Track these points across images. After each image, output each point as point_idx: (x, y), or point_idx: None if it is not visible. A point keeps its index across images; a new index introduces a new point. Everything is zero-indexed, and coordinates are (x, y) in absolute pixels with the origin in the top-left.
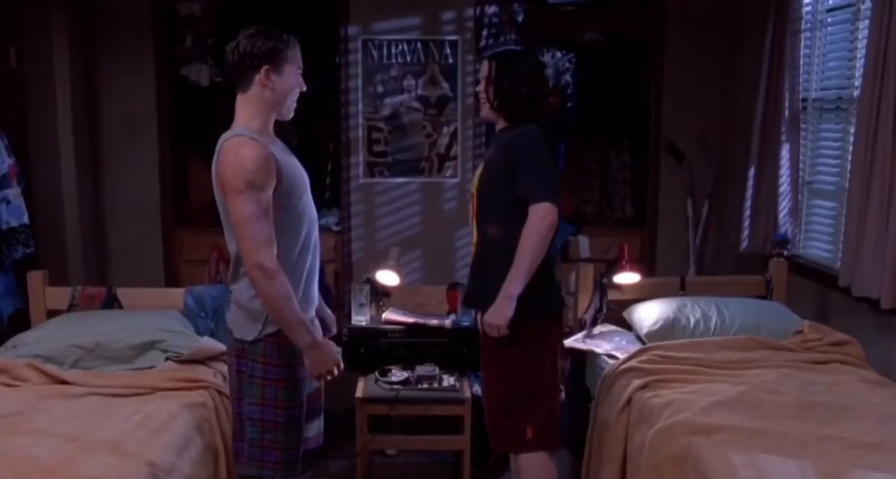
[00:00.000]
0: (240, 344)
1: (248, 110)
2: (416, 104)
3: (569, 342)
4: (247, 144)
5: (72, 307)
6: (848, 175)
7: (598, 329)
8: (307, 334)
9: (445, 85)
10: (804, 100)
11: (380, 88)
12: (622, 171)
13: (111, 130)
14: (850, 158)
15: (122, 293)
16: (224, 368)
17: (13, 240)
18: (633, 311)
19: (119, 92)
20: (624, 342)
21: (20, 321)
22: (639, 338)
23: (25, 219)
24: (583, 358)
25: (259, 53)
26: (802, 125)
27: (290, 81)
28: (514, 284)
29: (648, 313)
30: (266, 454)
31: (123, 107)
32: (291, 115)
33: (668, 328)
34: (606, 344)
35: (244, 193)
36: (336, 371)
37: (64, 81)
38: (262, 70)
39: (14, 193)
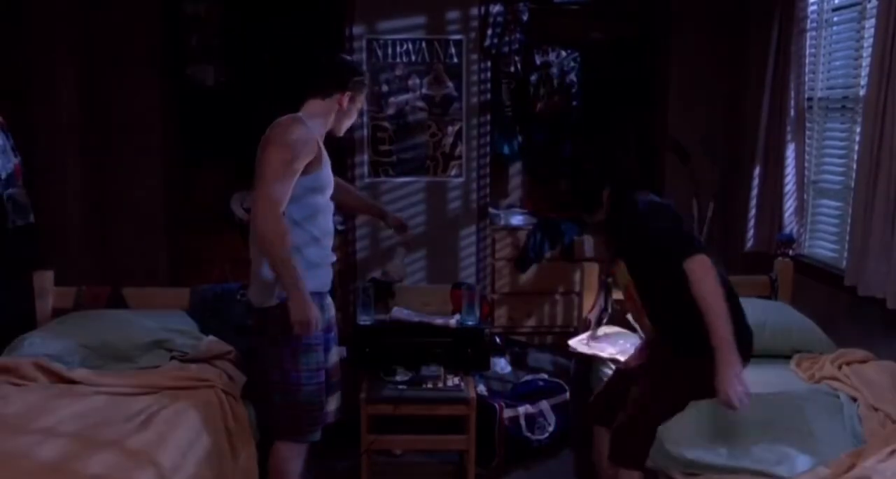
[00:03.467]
0: (260, 314)
1: (315, 110)
2: (420, 103)
3: (573, 344)
4: (300, 124)
5: (78, 307)
6: (854, 174)
7: (602, 331)
8: (295, 276)
9: (450, 84)
10: (810, 99)
11: (385, 88)
12: None
13: (116, 130)
14: (855, 157)
15: (128, 293)
16: (229, 367)
17: (19, 239)
18: None
19: (124, 92)
20: (628, 346)
21: (26, 321)
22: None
23: (31, 218)
24: (588, 360)
25: (353, 82)
26: (808, 124)
27: (353, 113)
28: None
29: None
30: (296, 419)
31: (128, 107)
32: (342, 134)
33: None
34: (611, 348)
35: (283, 151)
36: (312, 326)
37: (69, 80)
38: (347, 94)
39: (20, 192)
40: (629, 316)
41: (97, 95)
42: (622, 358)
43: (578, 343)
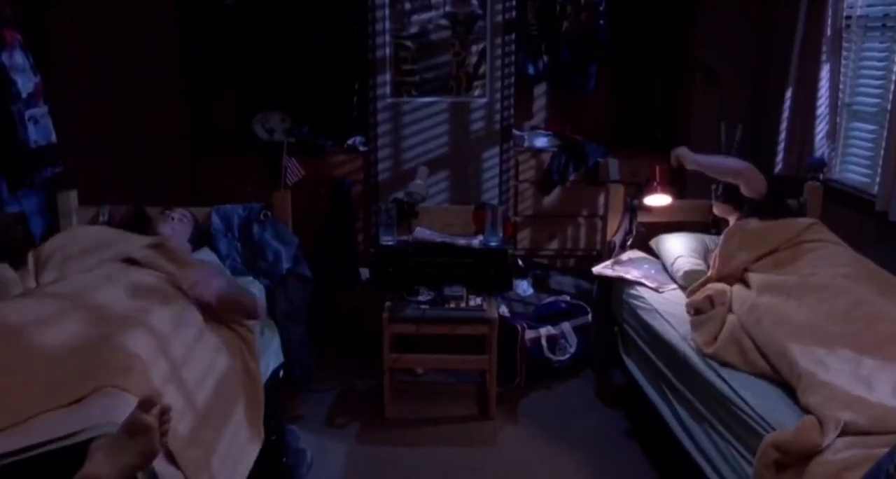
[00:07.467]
0: None
1: None
2: (444, 22)
3: (597, 269)
4: None
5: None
6: (891, 97)
7: (626, 256)
8: None
9: (474, 2)
10: (848, 17)
11: (407, 5)
12: (654, 92)
13: (133, 49)
14: (893, 78)
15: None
16: None
17: (41, 159)
18: (661, 243)
19: (139, 9)
20: (653, 272)
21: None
22: (668, 274)
23: (53, 138)
24: (610, 283)
25: None
26: (845, 44)
27: None
28: None
29: (681, 252)
30: None
31: (145, 25)
32: None
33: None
34: (636, 271)
35: None
36: None
37: None
38: None
39: (41, 111)
40: None
41: (113, 11)
42: (648, 282)
43: (603, 268)
